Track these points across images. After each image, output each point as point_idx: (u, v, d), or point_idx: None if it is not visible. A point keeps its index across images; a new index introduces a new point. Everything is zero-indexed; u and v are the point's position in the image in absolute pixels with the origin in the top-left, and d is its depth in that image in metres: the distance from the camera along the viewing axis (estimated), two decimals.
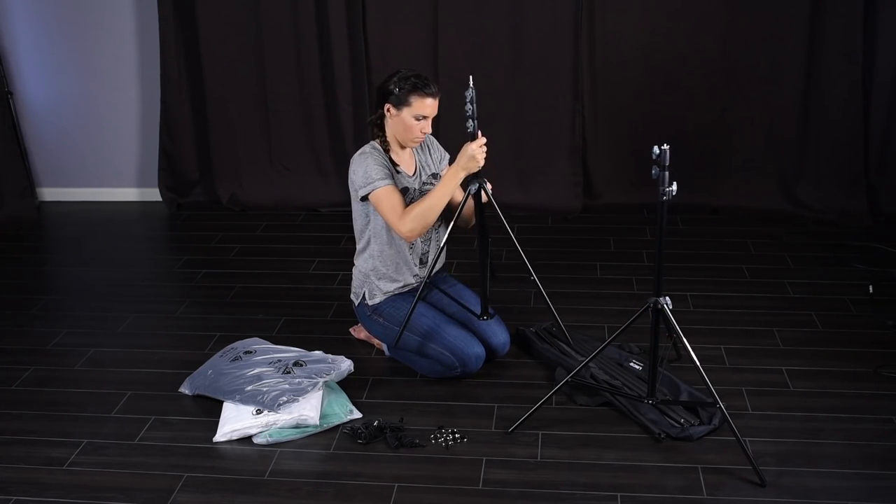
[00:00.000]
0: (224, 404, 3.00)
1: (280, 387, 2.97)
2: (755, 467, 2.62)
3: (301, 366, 3.09)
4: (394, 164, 3.14)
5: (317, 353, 3.22)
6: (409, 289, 3.29)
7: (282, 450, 2.84)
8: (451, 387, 3.16)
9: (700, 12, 4.47)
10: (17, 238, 4.79)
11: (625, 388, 3.03)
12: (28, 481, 2.73)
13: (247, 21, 4.73)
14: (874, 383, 3.12)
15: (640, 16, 4.53)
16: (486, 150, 2.95)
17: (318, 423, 2.90)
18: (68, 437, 2.94)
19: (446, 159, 3.35)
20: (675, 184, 2.51)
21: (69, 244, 4.76)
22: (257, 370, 3.08)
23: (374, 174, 3.04)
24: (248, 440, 2.88)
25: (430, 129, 3.09)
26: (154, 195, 5.17)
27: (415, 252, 3.25)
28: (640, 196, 4.77)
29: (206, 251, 4.53)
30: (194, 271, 4.26)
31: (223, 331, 3.61)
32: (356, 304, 3.34)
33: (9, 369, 3.38)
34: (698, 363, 2.71)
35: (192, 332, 3.65)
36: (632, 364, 3.19)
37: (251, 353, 3.21)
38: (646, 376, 2.94)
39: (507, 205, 4.35)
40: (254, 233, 4.76)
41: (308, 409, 2.90)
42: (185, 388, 3.17)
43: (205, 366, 3.22)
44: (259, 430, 2.88)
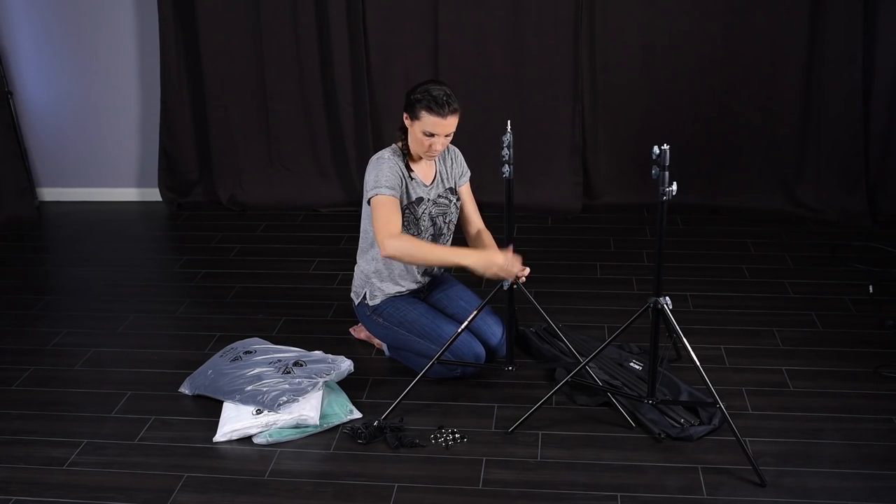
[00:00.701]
0: (224, 404, 3.00)
1: (280, 387, 2.97)
2: (755, 467, 2.62)
3: (301, 366, 3.09)
4: (409, 169, 3.13)
5: (317, 353, 3.22)
6: (409, 291, 3.29)
7: (282, 450, 2.84)
8: (451, 387, 3.16)
9: (700, 12, 4.47)
10: (17, 238, 4.79)
11: (625, 388, 3.03)
12: (28, 481, 2.73)
13: (247, 21, 4.73)
14: (874, 383, 3.12)
15: (640, 16, 4.53)
16: (515, 264, 2.92)
17: (318, 423, 2.90)
18: (68, 437, 2.94)
19: (467, 176, 3.33)
20: (675, 184, 2.51)
21: (69, 244, 4.76)
22: (257, 370, 3.08)
23: (382, 180, 3.02)
24: (248, 440, 2.88)
25: (440, 147, 3.04)
26: (154, 195, 5.17)
27: None
28: (640, 196, 4.77)
29: (206, 251, 4.53)
30: (194, 271, 4.26)
31: (223, 331, 3.61)
32: (356, 303, 3.34)
33: (9, 369, 3.38)
34: (698, 363, 2.71)
35: (192, 332, 3.65)
36: (632, 364, 3.20)
37: (251, 353, 3.21)
38: (646, 376, 2.94)
39: None
40: (254, 233, 4.76)
41: (308, 409, 2.90)
42: (185, 388, 3.17)
43: (205, 366, 3.22)
44: (259, 430, 2.88)
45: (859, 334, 3.46)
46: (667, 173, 2.49)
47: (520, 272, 2.96)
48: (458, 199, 3.28)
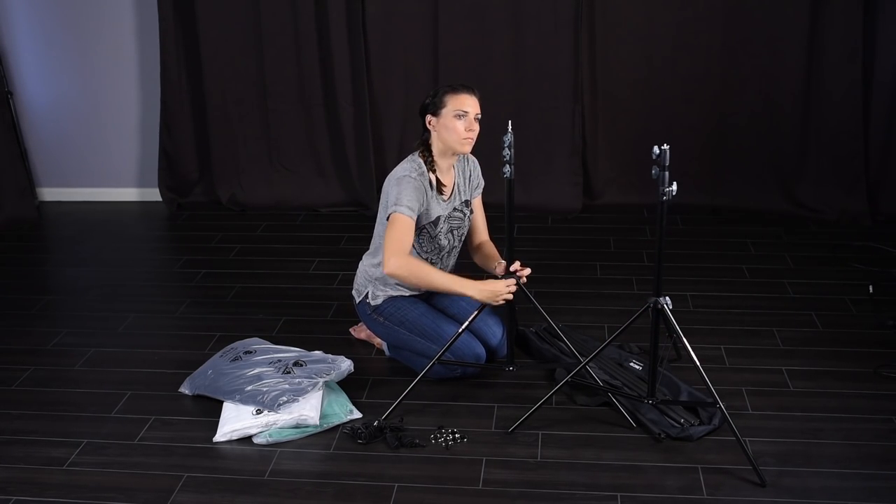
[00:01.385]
0: (224, 404, 3.00)
1: (280, 387, 2.97)
2: (755, 467, 2.62)
3: (301, 366, 3.09)
4: (440, 184, 3.12)
5: (317, 353, 3.22)
6: (410, 294, 3.29)
7: (282, 450, 2.84)
8: (451, 387, 3.16)
9: (700, 13, 4.47)
10: (17, 238, 4.79)
11: (625, 388, 3.03)
12: (28, 481, 2.73)
13: (247, 21, 4.73)
14: (874, 383, 3.12)
15: (640, 16, 4.53)
16: (513, 290, 2.96)
17: (318, 423, 2.90)
18: (68, 437, 2.94)
19: (481, 188, 3.34)
20: (675, 184, 2.51)
21: (69, 244, 4.76)
22: (257, 370, 3.08)
23: (404, 199, 3.00)
24: (248, 440, 2.88)
25: (476, 127, 3.05)
26: (154, 195, 5.17)
27: None
28: (640, 196, 4.77)
29: (206, 251, 4.53)
30: (194, 271, 4.26)
31: (223, 331, 3.61)
32: (357, 301, 3.34)
33: (9, 369, 3.38)
34: (698, 363, 2.71)
35: (191, 332, 3.65)
36: (632, 364, 3.19)
37: (251, 353, 3.21)
38: (646, 376, 2.94)
39: None
40: (254, 233, 4.76)
41: (308, 409, 2.90)
42: (185, 388, 3.17)
43: (205, 366, 3.22)
44: (259, 430, 2.88)
45: (859, 334, 3.46)
46: (667, 173, 2.49)
47: (521, 273, 2.98)
48: (472, 212, 3.29)
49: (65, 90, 5.07)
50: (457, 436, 2.87)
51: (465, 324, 3.01)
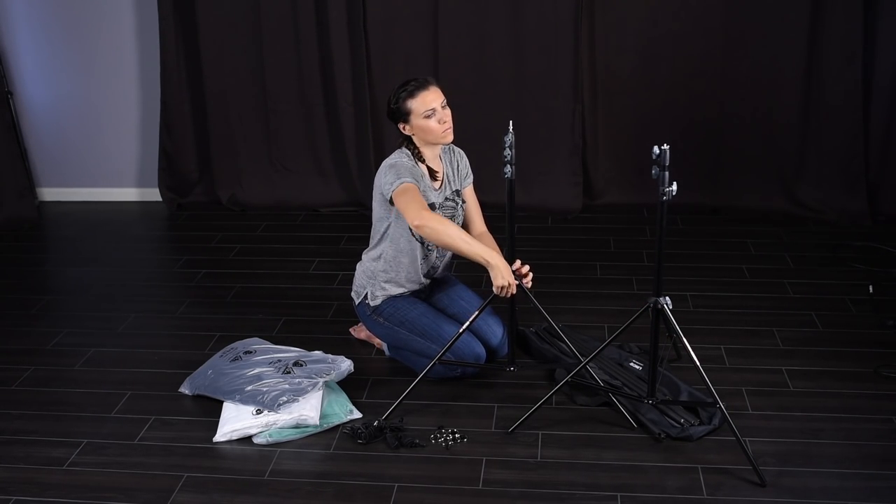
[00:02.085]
0: (224, 404, 3.00)
1: (280, 387, 2.97)
2: (755, 467, 2.62)
3: (301, 366, 3.09)
4: (432, 171, 3.13)
5: (317, 353, 3.22)
6: (410, 292, 3.29)
7: (282, 450, 2.84)
8: (451, 387, 3.16)
9: (700, 12, 4.47)
10: (17, 238, 4.79)
11: (625, 388, 3.03)
12: (28, 481, 2.73)
13: (247, 21, 4.73)
14: (874, 383, 3.12)
15: (640, 16, 4.53)
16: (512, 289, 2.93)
17: (318, 423, 2.90)
18: (68, 437, 2.94)
19: (471, 178, 3.34)
20: (675, 184, 2.51)
21: (69, 244, 4.76)
22: (257, 370, 3.08)
23: (404, 173, 3.00)
24: (248, 440, 2.88)
25: (448, 117, 3.05)
26: (154, 195, 5.17)
27: (427, 263, 3.24)
28: (640, 196, 4.77)
29: (206, 251, 4.53)
30: (194, 271, 4.26)
31: (223, 331, 3.61)
32: (356, 302, 3.34)
33: (9, 369, 3.38)
34: (698, 363, 2.71)
35: (191, 332, 3.65)
36: (632, 364, 3.19)
37: (251, 353, 3.21)
38: (646, 376, 2.94)
39: None
40: (254, 233, 4.76)
41: (308, 409, 2.90)
42: (185, 388, 3.17)
43: (205, 366, 3.22)
44: (259, 430, 2.88)
45: (859, 334, 3.46)
46: (667, 173, 2.49)
47: (526, 281, 2.97)
48: (464, 201, 3.28)
49: (65, 90, 5.07)
50: (457, 436, 2.87)
51: (467, 323, 3.01)
